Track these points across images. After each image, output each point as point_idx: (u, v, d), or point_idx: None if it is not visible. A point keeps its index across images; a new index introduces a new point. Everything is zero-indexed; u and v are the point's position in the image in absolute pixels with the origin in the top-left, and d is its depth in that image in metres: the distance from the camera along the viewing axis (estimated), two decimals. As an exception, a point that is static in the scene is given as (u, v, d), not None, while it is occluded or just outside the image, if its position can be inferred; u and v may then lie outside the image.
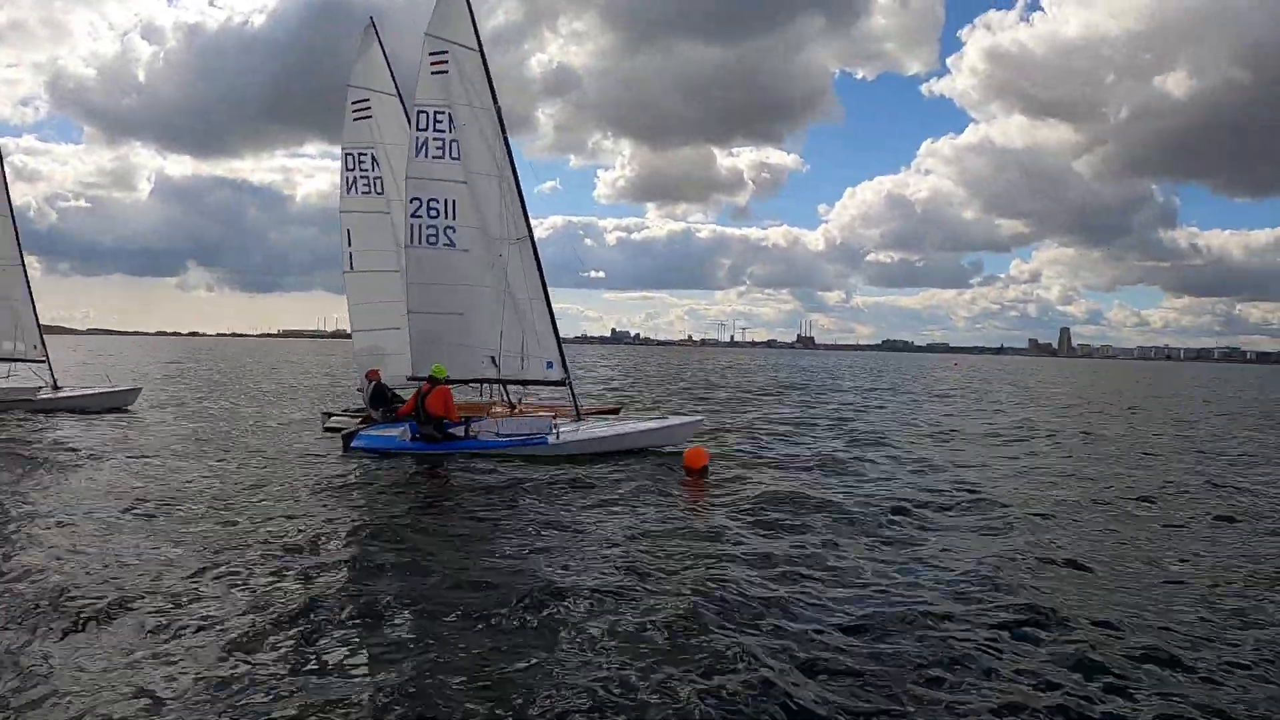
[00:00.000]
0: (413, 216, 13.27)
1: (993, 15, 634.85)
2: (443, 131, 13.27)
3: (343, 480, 10.71)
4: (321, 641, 5.17)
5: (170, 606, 5.68)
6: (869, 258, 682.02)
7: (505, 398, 14.42)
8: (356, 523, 8.32)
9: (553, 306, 13.94)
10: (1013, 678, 4.79)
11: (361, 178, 15.51)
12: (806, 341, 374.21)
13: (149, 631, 5.25)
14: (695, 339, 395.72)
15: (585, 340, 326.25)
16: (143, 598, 5.83)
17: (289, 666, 4.78)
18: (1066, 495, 10.67)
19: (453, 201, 13.36)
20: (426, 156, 13.24)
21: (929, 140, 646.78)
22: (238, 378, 37.41)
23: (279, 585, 6.23)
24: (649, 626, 5.41)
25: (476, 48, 13.55)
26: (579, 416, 13.78)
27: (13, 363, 18.73)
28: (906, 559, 7.31)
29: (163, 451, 12.91)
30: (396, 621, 5.56)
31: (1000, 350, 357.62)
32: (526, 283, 13.67)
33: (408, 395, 13.66)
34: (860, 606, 5.95)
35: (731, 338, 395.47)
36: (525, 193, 13.71)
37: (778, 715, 4.27)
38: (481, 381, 13.91)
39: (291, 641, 5.14)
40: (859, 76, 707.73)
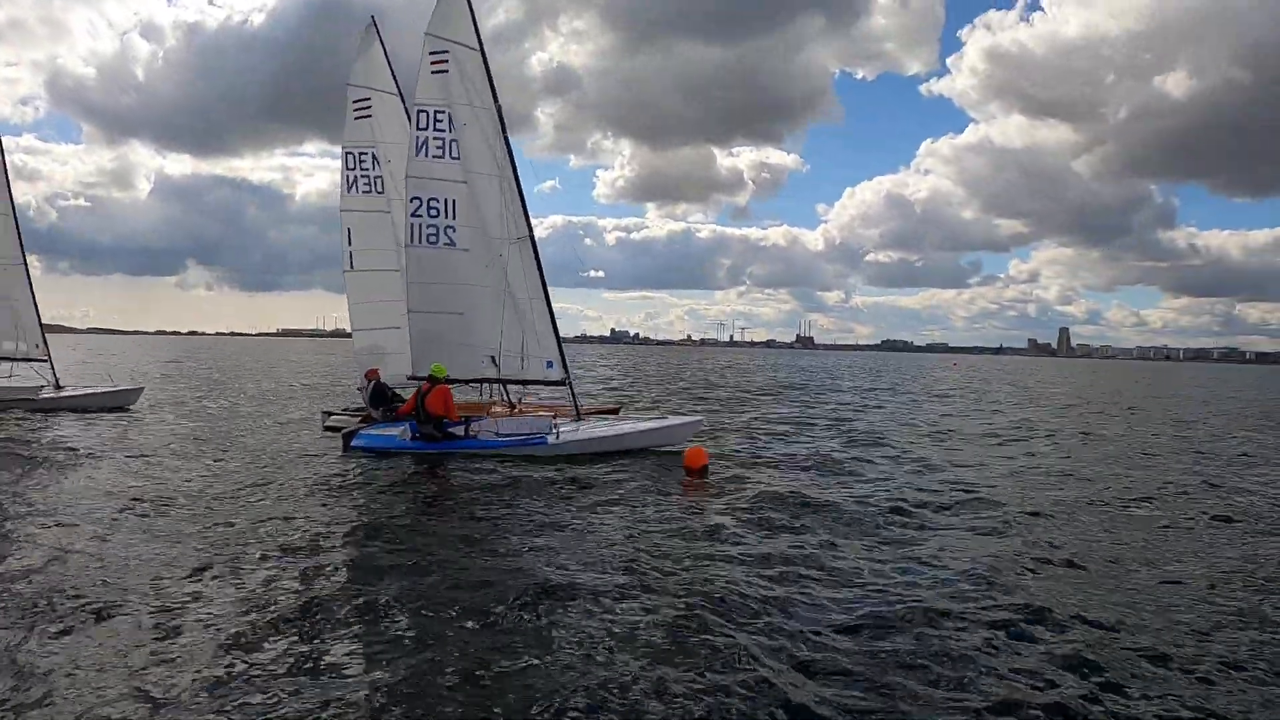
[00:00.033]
0: (413, 216, 13.27)
1: (993, 15, 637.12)
2: (443, 131, 13.27)
3: (342, 480, 10.70)
4: (320, 641, 5.17)
5: (169, 606, 5.69)
6: (868, 258, 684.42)
7: (505, 397, 14.44)
8: (356, 522, 8.33)
9: (553, 306, 13.95)
10: (1010, 677, 4.80)
11: (362, 177, 15.52)
12: (806, 341, 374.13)
13: (148, 631, 5.25)
14: (695, 339, 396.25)
15: (585, 340, 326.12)
16: (141, 597, 5.84)
17: (288, 666, 4.78)
18: (1065, 495, 10.69)
19: (453, 201, 13.36)
20: (427, 156, 13.24)
21: (928, 140, 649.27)
22: (237, 377, 37.39)
23: (278, 585, 6.23)
24: (648, 626, 5.43)
25: (477, 47, 13.55)
26: (579, 416, 13.79)
27: (14, 362, 18.73)
28: (904, 559, 7.32)
29: (162, 451, 12.92)
30: (396, 621, 5.56)
31: (999, 350, 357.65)
32: (526, 282, 13.67)
33: (408, 394, 13.67)
34: (858, 606, 5.96)
35: (731, 338, 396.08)
36: (525, 192, 13.74)
37: (776, 715, 4.28)
38: (481, 381, 13.91)
39: (290, 641, 5.15)
40: (859, 76, 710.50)
